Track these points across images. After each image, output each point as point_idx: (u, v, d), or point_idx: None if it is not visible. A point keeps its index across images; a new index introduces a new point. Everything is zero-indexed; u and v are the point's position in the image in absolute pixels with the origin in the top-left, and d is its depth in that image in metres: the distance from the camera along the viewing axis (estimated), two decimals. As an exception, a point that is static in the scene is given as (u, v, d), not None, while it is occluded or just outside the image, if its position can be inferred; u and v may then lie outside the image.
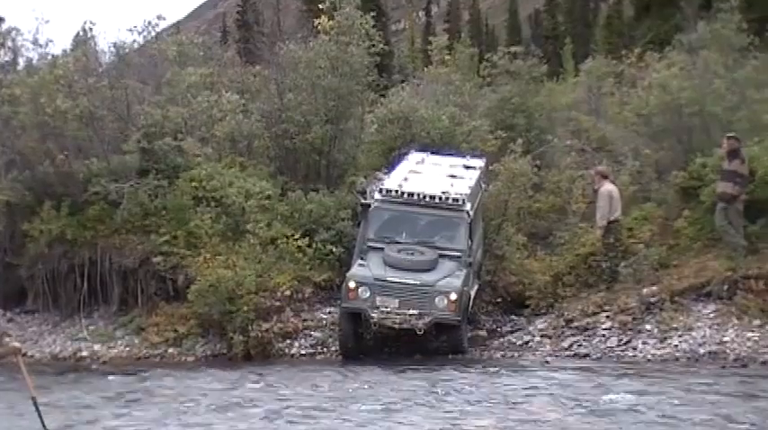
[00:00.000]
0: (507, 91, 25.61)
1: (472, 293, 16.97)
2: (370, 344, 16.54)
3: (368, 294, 15.91)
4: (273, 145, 20.71)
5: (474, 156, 19.46)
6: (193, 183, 18.59)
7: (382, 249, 16.45)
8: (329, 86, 20.47)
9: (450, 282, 16.02)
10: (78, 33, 22.55)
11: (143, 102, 19.55)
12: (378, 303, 15.87)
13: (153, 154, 18.73)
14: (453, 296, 15.83)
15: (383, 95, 23.88)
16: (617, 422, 11.28)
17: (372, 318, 15.85)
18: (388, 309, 15.83)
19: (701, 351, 15.26)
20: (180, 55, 22.11)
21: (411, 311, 15.80)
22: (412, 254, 16.39)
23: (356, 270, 16.37)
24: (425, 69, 28.79)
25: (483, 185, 18.55)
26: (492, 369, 14.73)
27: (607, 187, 17.36)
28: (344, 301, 16.21)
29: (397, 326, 15.88)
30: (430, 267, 16.23)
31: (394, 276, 16.00)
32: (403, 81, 29.00)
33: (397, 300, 15.87)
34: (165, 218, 18.17)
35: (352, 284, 16.05)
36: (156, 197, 18.34)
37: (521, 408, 12.12)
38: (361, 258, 16.58)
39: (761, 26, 24.37)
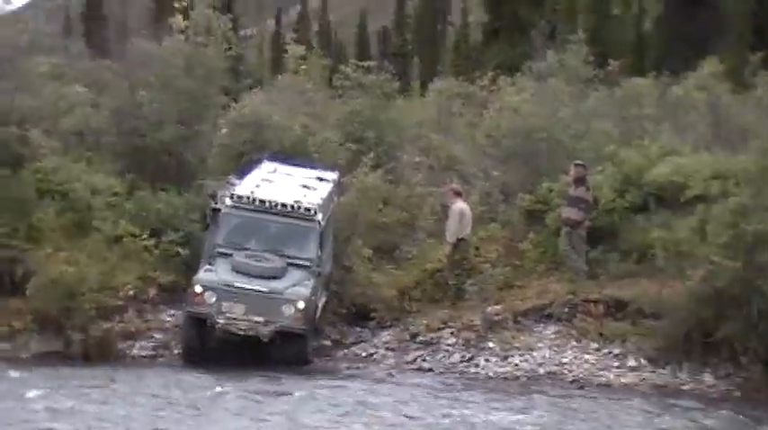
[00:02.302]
0: (358, 104, 25.75)
1: (320, 304, 16.96)
2: (214, 350, 16.35)
3: (214, 299, 15.74)
4: (122, 141, 20.25)
5: (327, 168, 19.49)
6: (38, 175, 18.02)
7: (231, 255, 16.29)
8: (183, 87, 20.18)
9: (297, 290, 15.97)
10: None
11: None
12: (224, 309, 15.70)
13: (-5, 142, 18.05)
14: (301, 305, 15.78)
15: (235, 100, 23.68)
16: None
17: (218, 323, 15.69)
18: (234, 316, 15.69)
19: (541, 371, 15.70)
20: (29, 43, 21.36)
21: (257, 318, 15.67)
22: (260, 260, 16.28)
23: (203, 274, 16.17)
24: (279, 77, 28.67)
25: (335, 198, 18.60)
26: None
27: (459, 205, 17.68)
28: (189, 306, 15.98)
29: (242, 332, 15.75)
30: (278, 275, 16.15)
31: (241, 282, 15.86)
32: (251, 87, 28.81)
33: (243, 307, 15.73)
34: (7, 209, 17.49)
35: (198, 289, 15.85)
36: (-3, 187, 17.67)
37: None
38: (209, 263, 16.39)
39: (603, 60, 25.37)
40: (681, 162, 17.78)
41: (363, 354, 16.93)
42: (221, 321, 15.67)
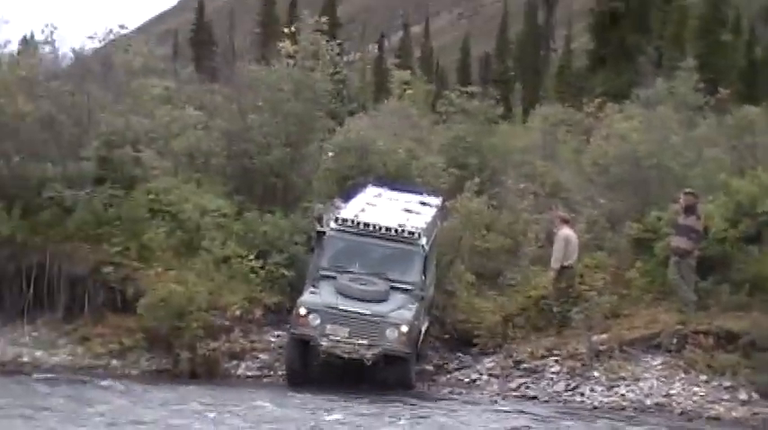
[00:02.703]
0: (462, 129, 25.74)
1: (423, 328, 16.94)
2: (316, 372, 16.42)
3: (318, 322, 15.87)
4: (232, 164, 20.56)
5: (431, 193, 19.49)
6: (150, 196, 18.38)
7: (335, 278, 16.41)
8: (291, 111, 20.43)
9: (401, 314, 16.01)
10: (25, 36, 22.40)
11: (104, 109, 19.30)
12: (327, 331, 15.82)
13: (110, 163, 18.47)
14: (404, 328, 15.81)
15: (340, 123, 23.88)
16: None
17: (321, 345, 15.82)
18: (338, 338, 15.81)
19: (648, 402, 15.47)
20: (142, 66, 21.89)
21: (361, 341, 15.76)
22: (365, 284, 16.35)
23: (307, 297, 16.32)
24: (385, 101, 28.84)
25: (439, 223, 18.59)
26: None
27: (565, 232, 17.53)
28: (294, 327, 16.14)
29: (346, 355, 15.84)
30: (382, 298, 16.22)
31: (345, 305, 15.97)
32: (352, 113, 29.06)
33: (347, 329, 15.84)
34: (119, 228, 17.89)
35: (302, 311, 16.00)
36: (110, 206, 18.07)
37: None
38: (314, 286, 16.54)
39: (712, 87, 24.96)
40: (797, 192, 17.32)
41: (466, 380, 16.90)
42: (325, 343, 15.79)
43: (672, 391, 15.54)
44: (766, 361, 15.43)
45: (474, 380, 16.80)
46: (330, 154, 21.69)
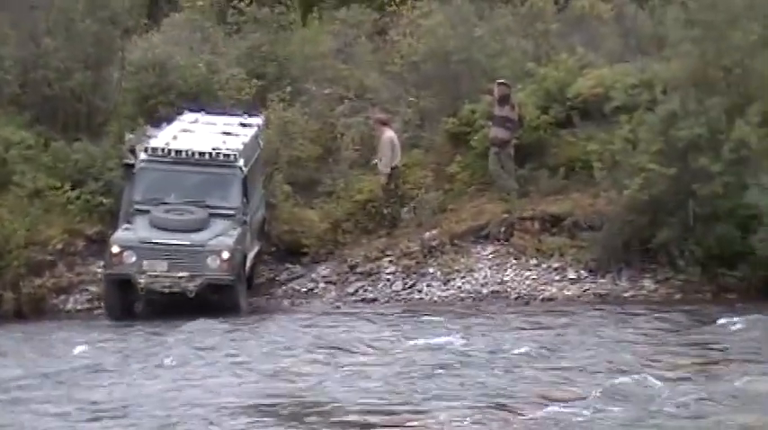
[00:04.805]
0: (256, 39, 25.21)
1: (251, 253, 16.50)
2: (140, 308, 16.03)
3: (134, 258, 15.28)
4: (29, 92, 19.48)
5: (252, 114, 18.96)
6: (-53, 132, 17.28)
7: (149, 211, 15.77)
8: (87, 30, 19.48)
9: (222, 240, 15.48)
10: None
11: None
12: (145, 267, 15.24)
13: None
14: (226, 255, 15.31)
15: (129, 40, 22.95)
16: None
17: (140, 283, 15.26)
18: (156, 273, 15.25)
19: (484, 291, 15.89)
20: None
21: (181, 274, 15.23)
22: (181, 214, 15.76)
23: (120, 233, 15.67)
24: (176, 15, 27.83)
25: (260, 142, 18.13)
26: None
27: (388, 134, 17.54)
28: (109, 267, 15.54)
29: (167, 290, 15.31)
30: (200, 227, 15.64)
31: (161, 238, 15.38)
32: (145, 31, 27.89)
33: (165, 263, 15.29)
34: None
35: (115, 249, 15.37)
36: None
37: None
38: (128, 221, 15.88)
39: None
40: (601, 74, 17.86)
41: (303, 290, 16.90)
42: (143, 280, 15.23)
43: (505, 278, 16.01)
44: (589, 239, 16.05)
45: (311, 289, 16.80)
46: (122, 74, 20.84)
